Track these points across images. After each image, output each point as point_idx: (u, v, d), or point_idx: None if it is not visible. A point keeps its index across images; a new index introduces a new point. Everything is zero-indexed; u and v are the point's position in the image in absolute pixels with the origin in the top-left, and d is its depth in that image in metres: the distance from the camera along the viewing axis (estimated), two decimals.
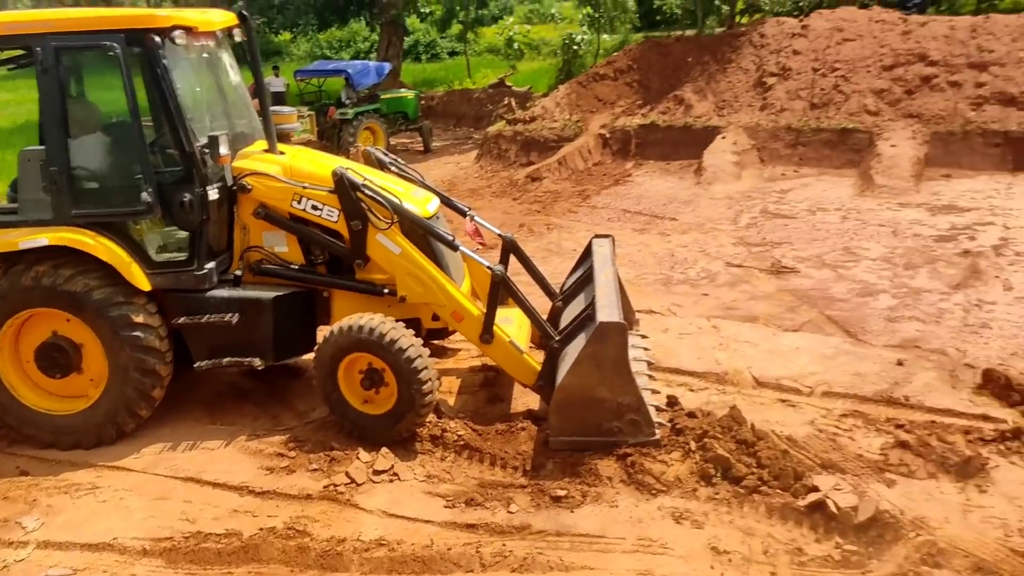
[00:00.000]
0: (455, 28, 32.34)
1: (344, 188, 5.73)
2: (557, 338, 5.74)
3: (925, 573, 4.15)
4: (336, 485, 5.18)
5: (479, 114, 22.25)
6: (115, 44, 5.28)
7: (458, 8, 29.58)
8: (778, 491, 4.79)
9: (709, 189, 13.19)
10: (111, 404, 5.72)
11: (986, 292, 8.08)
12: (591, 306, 5.51)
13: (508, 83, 23.15)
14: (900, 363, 6.49)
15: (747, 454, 5.06)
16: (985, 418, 5.57)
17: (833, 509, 4.54)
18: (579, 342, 5.33)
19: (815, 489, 4.69)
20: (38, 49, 5.36)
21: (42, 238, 5.49)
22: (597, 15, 23.66)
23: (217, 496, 5.20)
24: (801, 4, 21.29)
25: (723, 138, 14.47)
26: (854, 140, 13.82)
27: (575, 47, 23.04)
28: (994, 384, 5.95)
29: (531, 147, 16.50)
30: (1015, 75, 13.71)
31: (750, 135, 14.55)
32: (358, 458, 5.39)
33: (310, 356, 5.93)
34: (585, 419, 5.19)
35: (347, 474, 5.25)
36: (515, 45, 25.04)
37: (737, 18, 21.87)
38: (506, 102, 19.53)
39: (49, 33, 5.35)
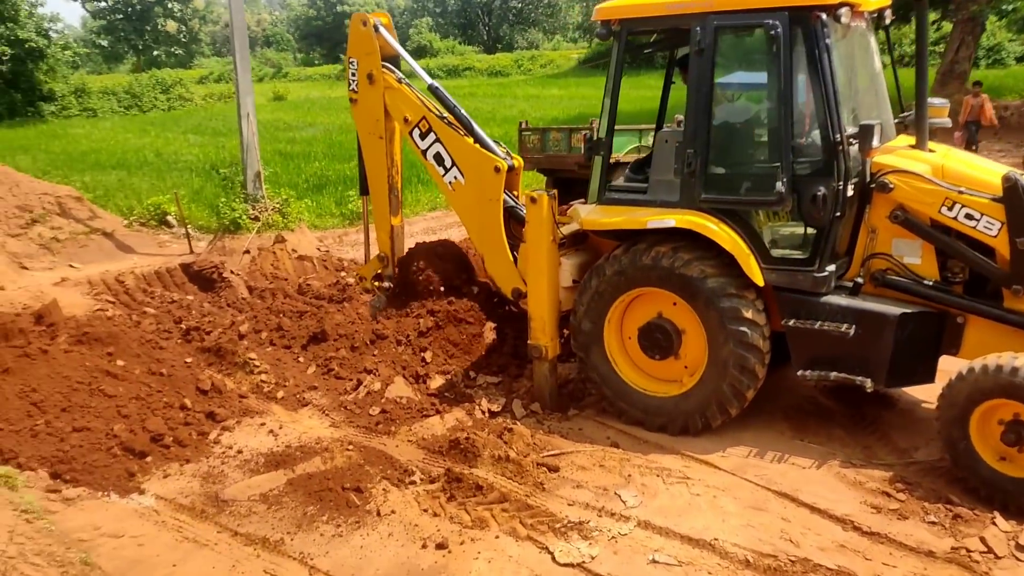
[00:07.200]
0: None
1: (1017, 198, 4.75)
2: None
3: None
4: (968, 550, 4.28)
5: None
6: (777, 22, 4.98)
7: None
8: None
9: None
10: (704, 395, 5.55)
11: None
12: None
13: None
14: None
15: None
16: None
17: None
18: None
19: None
20: (697, 29, 5.28)
21: (670, 219, 5.48)
22: None
23: (817, 522, 4.67)
24: None
25: None
26: None
27: None
28: None
29: None
30: None
31: None
32: (994, 523, 4.43)
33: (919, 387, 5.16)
34: None
35: (983, 540, 4.32)
36: None
37: None
38: None
39: (711, 12, 5.25)
